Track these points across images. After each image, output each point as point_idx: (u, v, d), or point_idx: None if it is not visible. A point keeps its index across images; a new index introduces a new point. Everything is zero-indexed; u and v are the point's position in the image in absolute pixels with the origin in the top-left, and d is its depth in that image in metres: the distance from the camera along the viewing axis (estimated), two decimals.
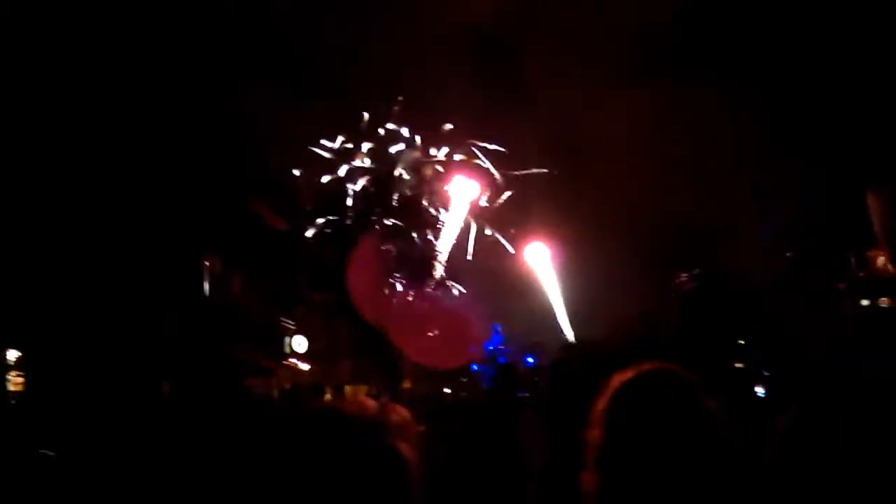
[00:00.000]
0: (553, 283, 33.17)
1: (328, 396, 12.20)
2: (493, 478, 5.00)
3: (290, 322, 27.18)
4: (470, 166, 32.06)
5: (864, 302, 24.82)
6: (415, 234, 30.93)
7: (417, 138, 31.78)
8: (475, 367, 29.22)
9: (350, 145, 31.69)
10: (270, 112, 25.44)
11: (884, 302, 24.37)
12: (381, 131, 31.61)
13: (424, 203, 31.68)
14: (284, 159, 28.52)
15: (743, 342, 24.30)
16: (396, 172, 31.42)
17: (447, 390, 16.71)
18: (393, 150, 31.65)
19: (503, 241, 32.89)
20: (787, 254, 26.12)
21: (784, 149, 24.60)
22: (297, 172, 30.58)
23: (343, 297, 27.99)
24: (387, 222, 31.05)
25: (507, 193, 32.64)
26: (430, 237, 31.42)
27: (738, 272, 26.37)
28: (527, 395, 7.72)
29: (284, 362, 25.99)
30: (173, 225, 22.27)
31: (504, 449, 5.27)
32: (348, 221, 31.09)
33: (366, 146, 31.74)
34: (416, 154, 31.68)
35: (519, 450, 4.68)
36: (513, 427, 5.30)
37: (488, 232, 32.32)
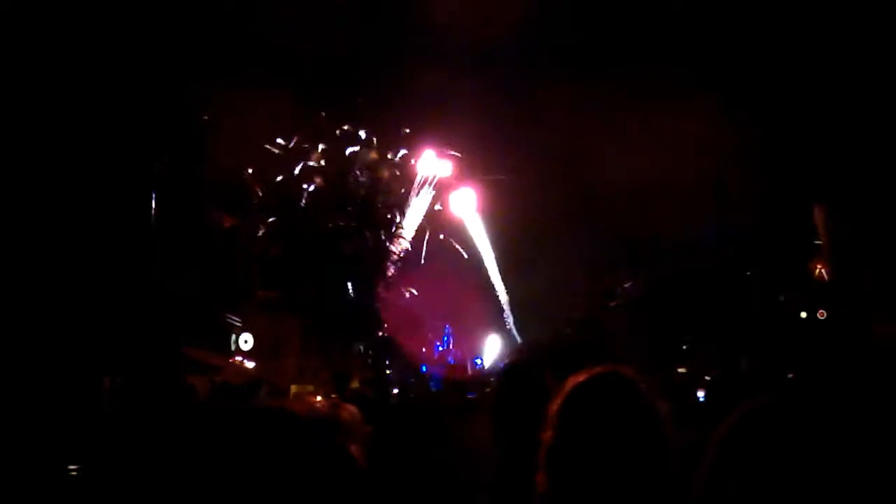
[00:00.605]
0: (500, 284, 33.45)
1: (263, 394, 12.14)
2: (439, 479, 5.03)
3: (236, 319, 27.02)
4: (426, 168, 32.18)
5: (803, 314, 25.38)
6: (368, 234, 30.90)
7: (374, 140, 31.78)
8: (424, 368, 29.32)
9: (306, 144, 31.54)
10: (223, 107, 25.35)
11: (821, 314, 24.90)
12: (338, 132, 31.55)
13: (379, 204, 31.65)
14: (236, 157, 28.29)
15: (685, 347, 24.71)
16: (352, 172, 31.38)
17: (395, 391, 16.74)
18: (349, 150, 31.59)
19: (456, 245, 33.07)
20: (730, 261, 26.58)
21: (736, 157, 24.95)
22: (249, 170, 30.36)
23: (290, 294, 27.90)
24: (340, 222, 30.93)
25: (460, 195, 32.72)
26: (384, 238, 31.44)
27: (682, 278, 26.76)
28: (475, 396, 7.78)
29: (230, 360, 25.83)
30: (118, 219, 22.05)
31: (451, 450, 5.30)
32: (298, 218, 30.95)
33: (321, 146, 31.65)
34: (373, 155, 31.65)
35: (467, 452, 4.71)
36: (462, 428, 5.34)
37: (440, 235, 32.47)
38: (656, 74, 24.81)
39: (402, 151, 31.76)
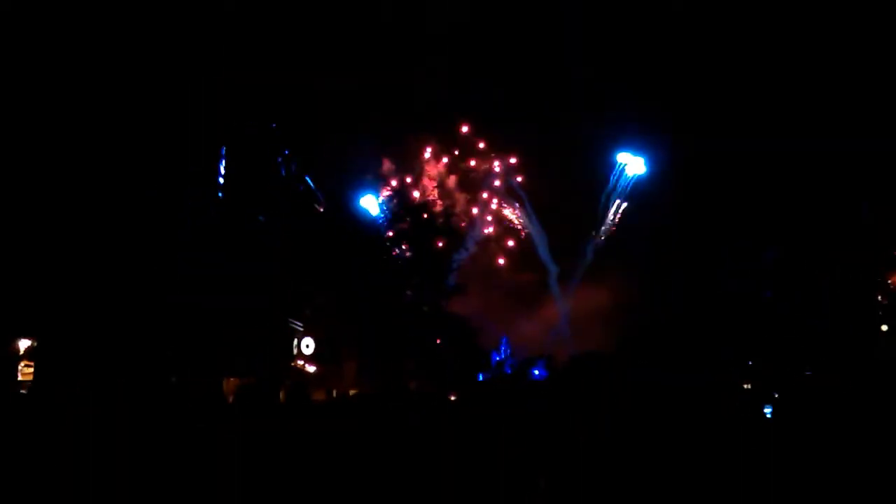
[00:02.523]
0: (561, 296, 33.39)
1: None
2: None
3: (298, 324, 27.25)
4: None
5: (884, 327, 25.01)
6: (429, 241, 30.93)
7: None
8: (480, 377, 29.36)
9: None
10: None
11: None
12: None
13: (442, 212, 31.71)
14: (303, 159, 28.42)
15: (751, 363, 24.37)
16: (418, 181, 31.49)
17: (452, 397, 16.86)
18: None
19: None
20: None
21: None
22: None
23: (350, 300, 27.99)
24: (402, 227, 31.00)
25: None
26: (445, 246, 31.49)
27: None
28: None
29: (292, 364, 26.13)
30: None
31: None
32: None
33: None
34: (439, 164, 31.77)
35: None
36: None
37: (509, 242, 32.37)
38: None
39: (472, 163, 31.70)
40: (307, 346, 27.20)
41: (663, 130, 27.62)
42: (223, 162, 26.90)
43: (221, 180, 26.69)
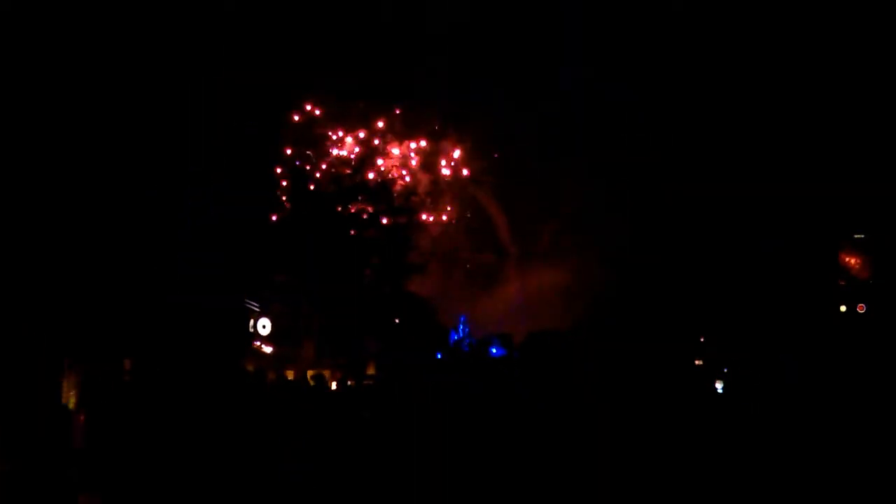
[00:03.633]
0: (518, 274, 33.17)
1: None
2: None
3: (255, 304, 27.27)
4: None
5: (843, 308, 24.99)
6: (384, 220, 30.83)
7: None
8: (439, 356, 29.29)
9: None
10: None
11: (861, 308, 24.52)
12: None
13: (399, 191, 31.50)
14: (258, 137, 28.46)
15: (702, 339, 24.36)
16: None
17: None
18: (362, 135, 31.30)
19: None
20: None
21: None
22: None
23: (307, 280, 27.97)
24: (358, 206, 30.83)
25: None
26: (403, 225, 31.28)
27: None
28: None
29: (248, 346, 26.16)
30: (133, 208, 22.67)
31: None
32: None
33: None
34: (397, 145, 31.47)
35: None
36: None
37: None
38: None
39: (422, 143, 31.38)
40: (264, 327, 27.19)
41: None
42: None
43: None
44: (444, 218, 31.11)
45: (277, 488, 7.82)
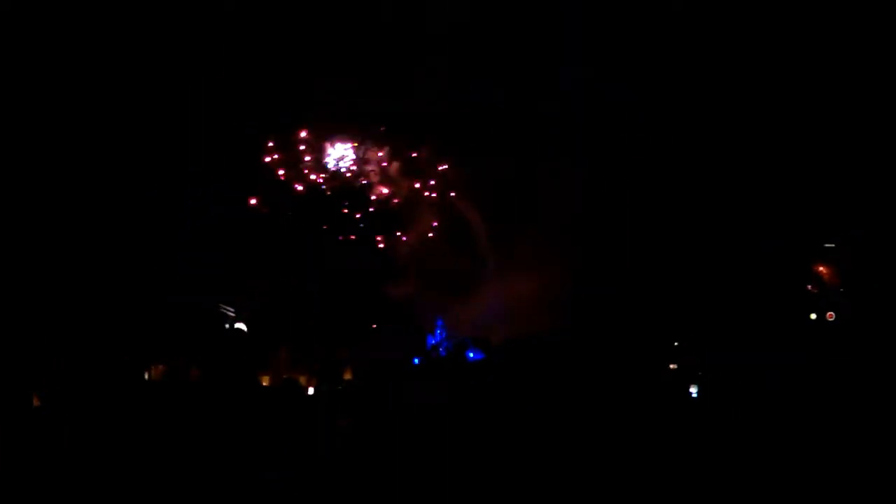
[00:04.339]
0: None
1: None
2: None
3: (229, 309, 27.25)
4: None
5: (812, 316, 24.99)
6: (362, 226, 30.76)
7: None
8: (416, 361, 29.23)
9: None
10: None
11: (830, 316, 24.51)
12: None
13: (374, 197, 31.45)
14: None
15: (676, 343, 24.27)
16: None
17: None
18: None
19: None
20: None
21: None
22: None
23: (282, 284, 27.92)
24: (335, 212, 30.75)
25: None
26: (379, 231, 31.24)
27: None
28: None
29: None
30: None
31: None
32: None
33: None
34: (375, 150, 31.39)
35: None
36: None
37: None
38: None
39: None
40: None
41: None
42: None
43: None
44: (423, 224, 31.17)
45: (259, 495, 7.84)
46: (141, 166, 25.28)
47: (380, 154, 31.25)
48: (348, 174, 30.87)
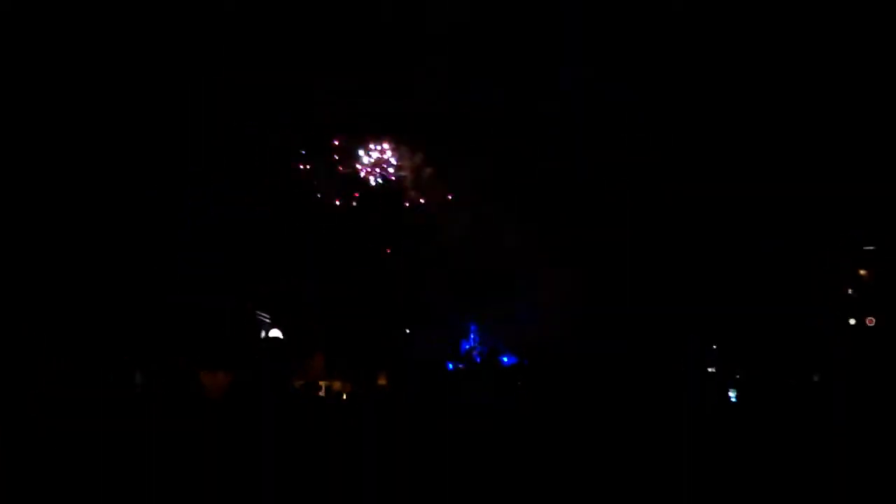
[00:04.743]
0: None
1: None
2: None
3: (265, 315, 27.22)
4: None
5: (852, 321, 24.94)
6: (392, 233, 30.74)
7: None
8: (451, 366, 29.24)
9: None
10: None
11: (870, 321, 24.48)
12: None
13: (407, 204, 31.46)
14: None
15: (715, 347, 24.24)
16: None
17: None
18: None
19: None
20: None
21: None
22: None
23: (319, 291, 27.87)
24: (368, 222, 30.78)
25: None
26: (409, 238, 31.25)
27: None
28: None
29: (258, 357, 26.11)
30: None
31: None
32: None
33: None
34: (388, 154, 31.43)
35: None
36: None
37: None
38: None
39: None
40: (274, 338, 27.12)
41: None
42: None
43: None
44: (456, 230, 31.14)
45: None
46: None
47: (412, 159, 31.27)
48: (380, 180, 30.90)
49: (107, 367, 20.75)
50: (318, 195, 30.37)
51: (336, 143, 30.47)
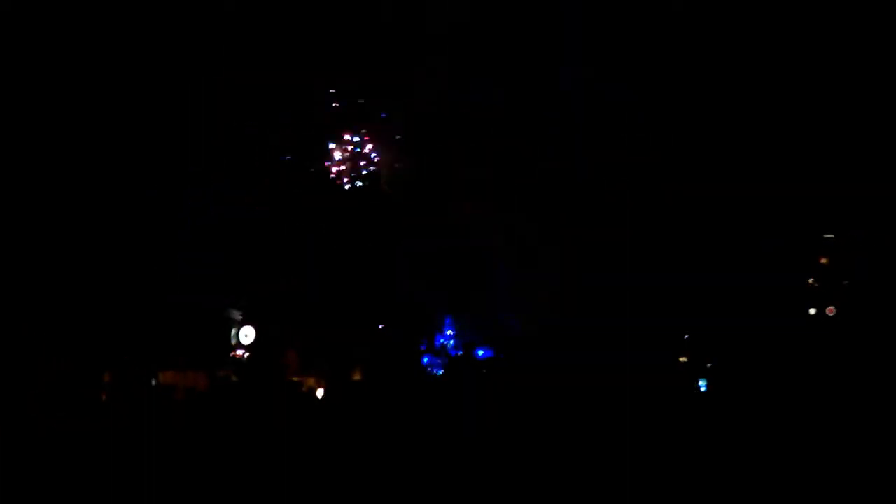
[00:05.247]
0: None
1: None
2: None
3: (237, 312, 27.20)
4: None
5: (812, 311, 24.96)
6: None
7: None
8: (426, 360, 29.14)
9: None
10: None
11: (830, 311, 24.49)
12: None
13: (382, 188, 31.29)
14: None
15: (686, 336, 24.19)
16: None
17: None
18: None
19: None
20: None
21: None
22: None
23: (290, 287, 27.78)
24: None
25: None
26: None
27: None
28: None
29: (231, 354, 26.10)
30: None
31: None
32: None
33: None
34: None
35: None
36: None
37: None
38: None
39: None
40: (246, 336, 27.01)
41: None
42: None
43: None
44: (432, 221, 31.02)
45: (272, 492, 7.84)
46: (141, 166, 25.25)
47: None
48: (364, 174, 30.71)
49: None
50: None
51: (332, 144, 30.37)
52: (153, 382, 20.04)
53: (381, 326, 29.51)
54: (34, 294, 21.99)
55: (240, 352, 26.55)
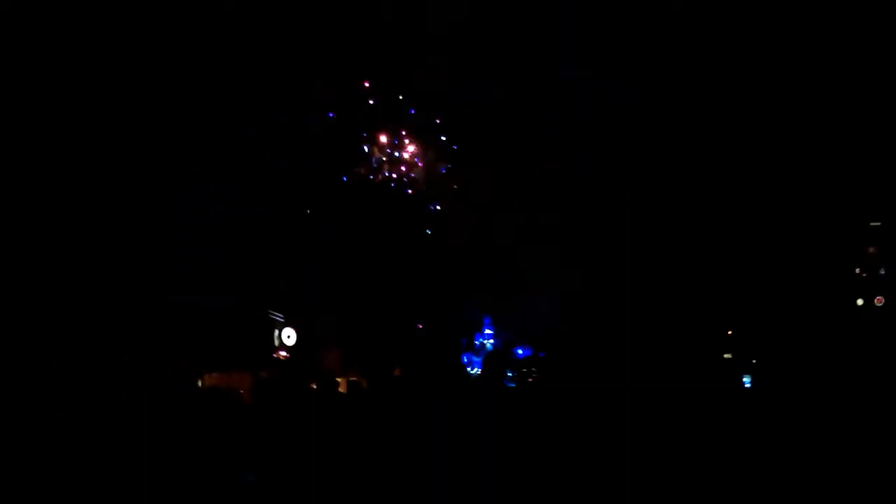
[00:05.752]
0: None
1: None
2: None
3: (278, 315, 27.20)
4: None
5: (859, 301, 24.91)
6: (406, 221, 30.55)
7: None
8: (465, 358, 29.15)
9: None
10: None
11: (879, 300, 24.41)
12: None
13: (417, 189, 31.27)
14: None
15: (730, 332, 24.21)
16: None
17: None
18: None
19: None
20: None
21: None
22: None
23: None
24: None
25: None
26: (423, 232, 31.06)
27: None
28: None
29: (274, 355, 26.09)
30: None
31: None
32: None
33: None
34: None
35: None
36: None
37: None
38: None
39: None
40: (288, 337, 27.06)
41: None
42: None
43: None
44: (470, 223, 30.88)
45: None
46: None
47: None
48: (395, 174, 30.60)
49: (107, 368, 20.70)
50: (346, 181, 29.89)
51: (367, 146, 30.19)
52: (199, 384, 19.99)
53: (420, 326, 29.52)
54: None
55: (283, 353, 26.57)
